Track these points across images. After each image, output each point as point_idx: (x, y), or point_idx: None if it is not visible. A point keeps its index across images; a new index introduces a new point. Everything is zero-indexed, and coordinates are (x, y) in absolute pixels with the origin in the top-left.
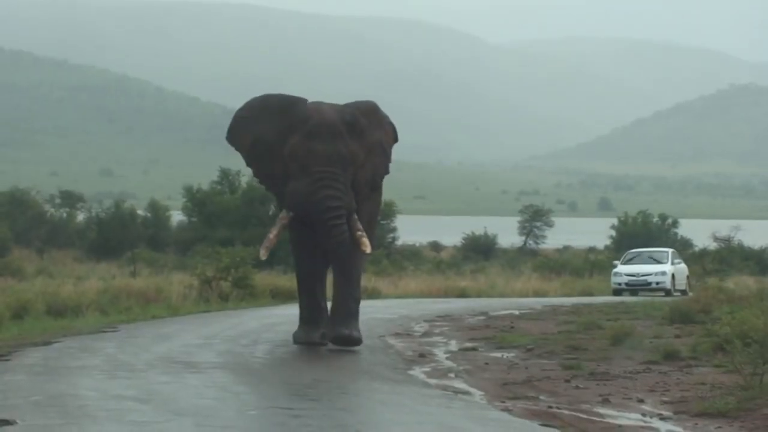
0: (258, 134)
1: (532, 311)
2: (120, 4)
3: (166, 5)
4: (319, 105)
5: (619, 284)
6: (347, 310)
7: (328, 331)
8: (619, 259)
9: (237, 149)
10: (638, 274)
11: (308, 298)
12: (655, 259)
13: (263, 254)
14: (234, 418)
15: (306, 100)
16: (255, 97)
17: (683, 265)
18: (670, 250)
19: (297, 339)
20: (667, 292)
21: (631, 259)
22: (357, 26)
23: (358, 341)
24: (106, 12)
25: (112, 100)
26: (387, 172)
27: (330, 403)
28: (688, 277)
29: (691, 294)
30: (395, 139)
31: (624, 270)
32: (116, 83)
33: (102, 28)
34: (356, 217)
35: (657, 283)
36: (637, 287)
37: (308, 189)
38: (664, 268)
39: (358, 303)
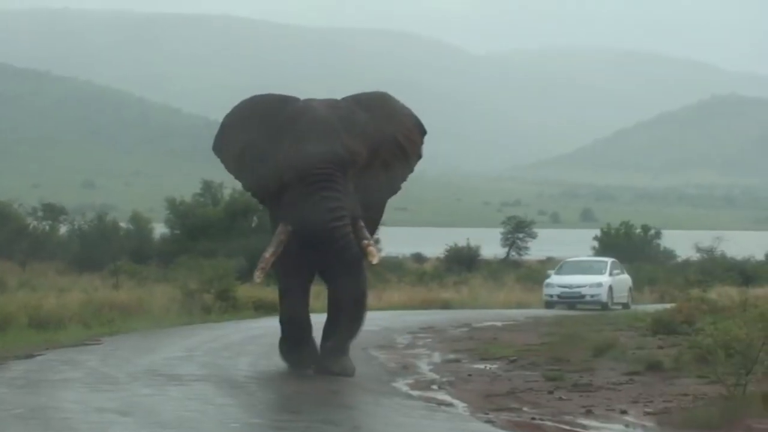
0: (246, 142)
1: (515, 323)
2: (102, 16)
3: (149, 17)
4: (309, 102)
5: (551, 296)
6: (342, 341)
7: (318, 360)
8: (556, 270)
9: (222, 161)
10: (572, 285)
11: (292, 316)
12: (591, 270)
13: (258, 276)
14: (216, 431)
15: (297, 99)
16: (243, 101)
17: (625, 276)
18: (610, 260)
19: (287, 359)
20: (604, 306)
21: (566, 269)
22: (339, 37)
23: (350, 375)
24: (89, 24)
25: (94, 111)
26: (410, 171)
27: (312, 415)
28: (630, 288)
29: (632, 308)
30: (421, 132)
31: (557, 281)
32: (98, 95)
33: (84, 39)
34: (362, 224)
35: (591, 296)
36: (570, 300)
37: (303, 194)
38: (601, 279)
39: (360, 326)
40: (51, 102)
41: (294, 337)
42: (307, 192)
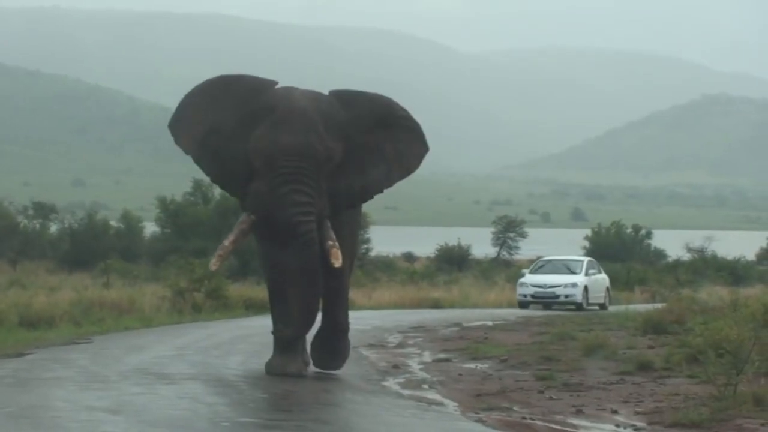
0: (213, 125)
1: (505, 322)
2: (93, 15)
3: (139, 15)
4: (289, 91)
5: (525, 296)
6: (328, 335)
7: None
8: (530, 269)
9: (179, 143)
10: (545, 285)
11: (283, 322)
12: (566, 269)
13: (214, 264)
14: (207, 429)
15: (275, 83)
16: (210, 80)
17: (602, 276)
18: (586, 259)
19: (271, 370)
20: (579, 307)
21: (540, 268)
22: (330, 36)
23: (338, 367)
24: (79, 22)
25: (84, 110)
26: (388, 184)
27: (303, 414)
28: (608, 289)
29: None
30: (418, 147)
31: (531, 280)
32: (88, 93)
33: (74, 38)
34: (329, 224)
35: (566, 296)
36: (544, 300)
37: (271, 184)
38: (576, 279)
39: (345, 329)
40: (41, 100)
41: (287, 339)
42: (276, 183)
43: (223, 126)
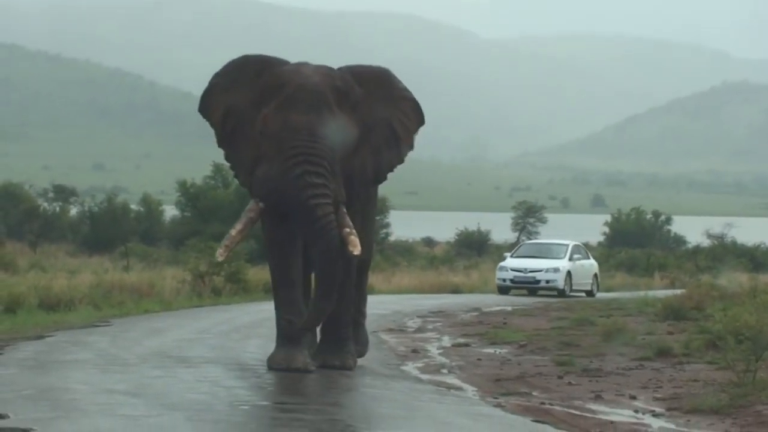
0: (229, 105)
1: (525, 307)
2: None
3: (159, 0)
4: (299, 66)
5: (504, 280)
6: (338, 332)
7: (315, 356)
8: (512, 252)
9: (210, 124)
10: (526, 269)
11: (288, 313)
12: (549, 254)
13: (221, 254)
14: (226, 413)
15: (285, 62)
16: (233, 59)
17: (590, 262)
18: (571, 243)
19: (274, 364)
20: (561, 293)
21: (523, 252)
22: (349, 21)
23: (351, 367)
24: (100, 6)
25: (104, 94)
26: (399, 161)
27: (321, 398)
28: (596, 275)
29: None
30: (419, 120)
31: (511, 264)
32: (109, 77)
33: (95, 22)
34: (345, 210)
35: (547, 282)
36: (524, 285)
37: (282, 167)
38: (558, 264)
39: (363, 316)
40: (62, 84)
41: (291, 331)
42: (287, 165)
43: (236, 108)
